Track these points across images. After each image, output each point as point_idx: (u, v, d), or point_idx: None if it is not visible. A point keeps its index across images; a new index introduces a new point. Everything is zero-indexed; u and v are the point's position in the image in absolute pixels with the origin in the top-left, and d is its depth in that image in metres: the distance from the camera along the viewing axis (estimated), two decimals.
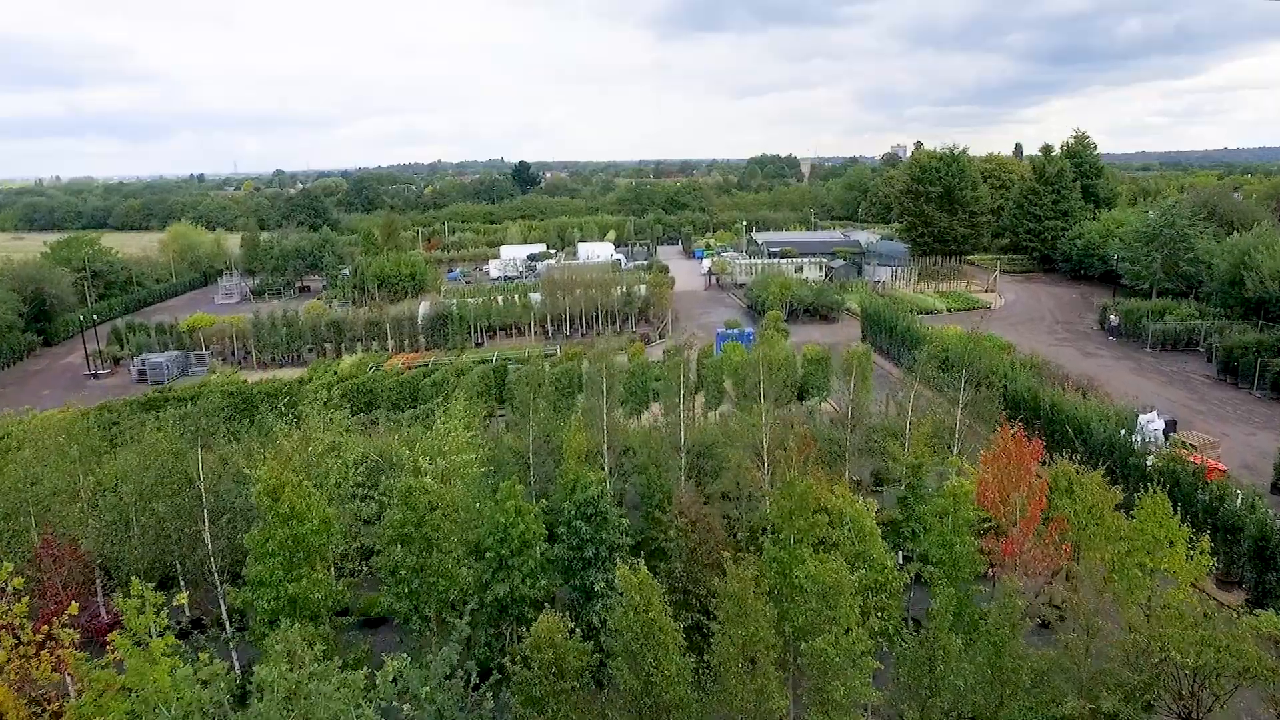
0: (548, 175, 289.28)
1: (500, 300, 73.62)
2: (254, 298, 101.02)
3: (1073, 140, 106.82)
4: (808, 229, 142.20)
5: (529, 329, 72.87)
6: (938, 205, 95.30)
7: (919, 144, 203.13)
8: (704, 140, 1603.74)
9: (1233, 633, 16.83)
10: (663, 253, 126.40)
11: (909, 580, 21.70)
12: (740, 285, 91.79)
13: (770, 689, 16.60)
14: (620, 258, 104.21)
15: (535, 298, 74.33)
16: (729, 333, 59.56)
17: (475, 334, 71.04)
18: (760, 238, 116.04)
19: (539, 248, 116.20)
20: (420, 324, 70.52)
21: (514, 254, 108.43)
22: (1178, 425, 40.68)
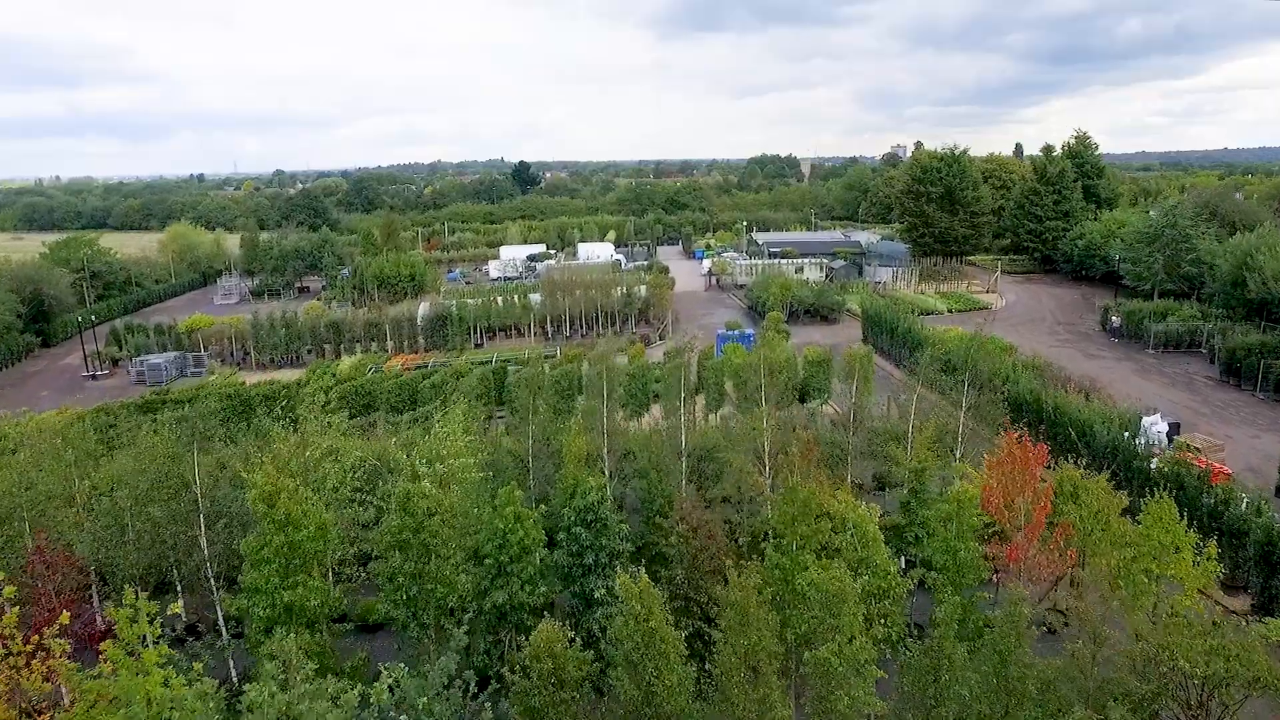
0: (548, 175, 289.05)
1: (500, 301, 73.38)
2: (253, 298, 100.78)
3: (1074, 140, 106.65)
4: (808, 229, 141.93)
5: (529, 330, 72.65)
6: (939, 206, 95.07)
7: (919, 144, 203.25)
8: (704, 140, 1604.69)
9: (1242, 641, 16.59)
10: (663, 253, 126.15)
11: (912, 586, 21.45)
12: (740, 286, 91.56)
13: (773, 699, 16.35)
14: (620, 258, 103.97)
15: (535, 298, 74.09)
16: (729, 334, 59.30)
17: (475, 335, 70.81)
18: (760, 238, 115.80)
19: (539, 248, 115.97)
20: (419, 325, 70.29)
21: (514, 254, 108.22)
22: (1181, 428, 40.46)
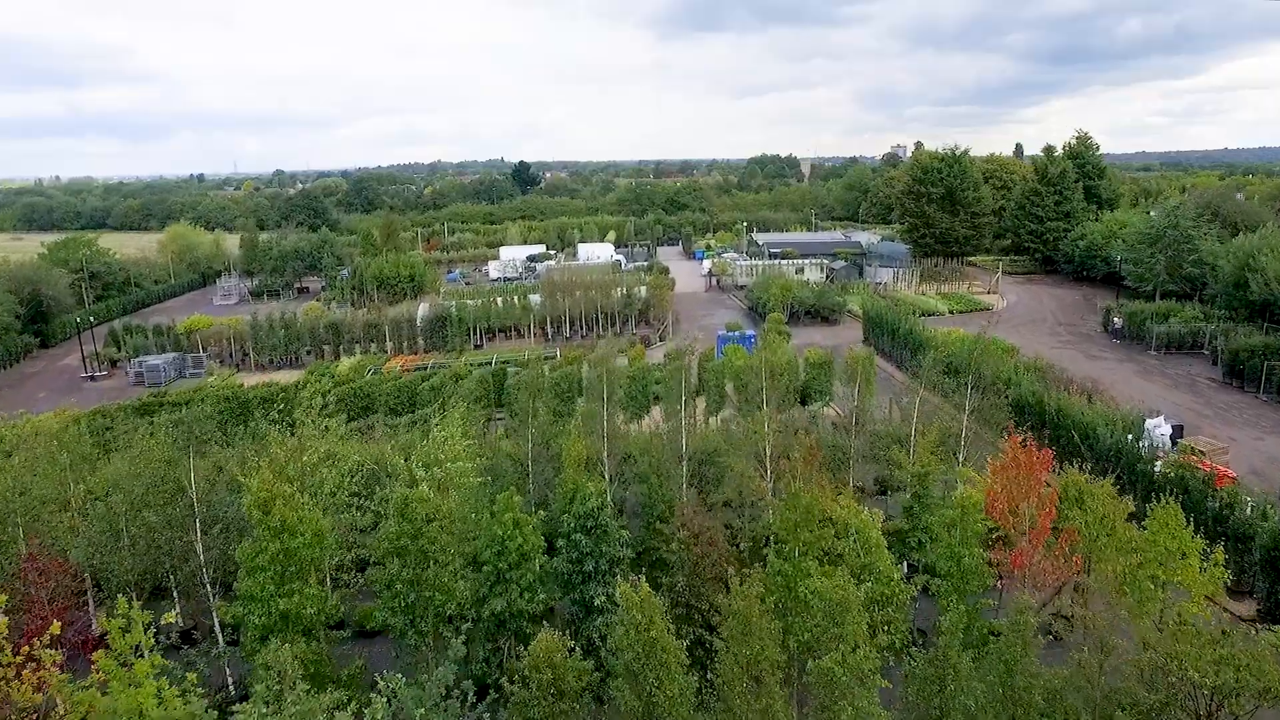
0: (548, 175, 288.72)
1: (500, 302, 73.12)
2: (252, 299, 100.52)
3: (1075, 141, 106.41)
4: (808, 230, 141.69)
5: (529, 331, 72.41)
6: (939, 206, 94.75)
7: (919, 144, 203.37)
8: (704, 140, 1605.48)
9: (1252, 650, 16.35)
10: (663, 253, 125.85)
11: (915, 593, 21.21)
12: (741, 287, 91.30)
13: (775, 709, 16.11)
14: (620, 259, 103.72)
15: (535, 299, 73.84)
16: (730, 335, 59.01)
17: (474, 336, 70.56)
18: (761, 238, 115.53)
19: (539, 248, 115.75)
20: (419, 326, 70.03)
21: (513, 255, 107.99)
22: (1184, 430, 40.21)
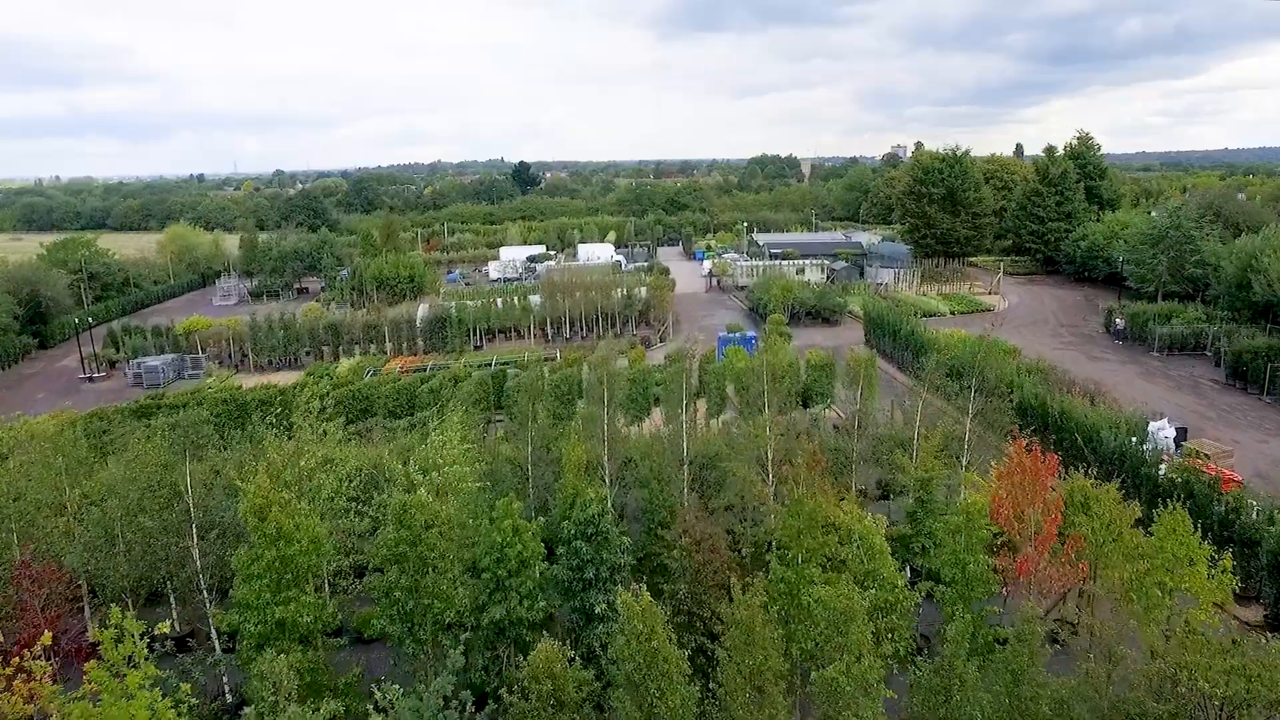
0: (548, 175, 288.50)
1: (499, 303, 72.88)
2: (252, 299, 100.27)
3: (1076, 141, 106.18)
4: (809, 230, 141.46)
5: (528, 332, 72.17)
6: (940, 207, 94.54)
7: (919, 144, 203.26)
8: (704, 140, 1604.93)
9: (1263, 660, 16.08)
10: (663, 254, 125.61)
11: (919, 600, 20.95)
12: (741, 287, 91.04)
13: (778, 719, 15.88)
14: (620, 259, 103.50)
15: (535, 300, 73.59)
16: (731, 337, 58.75)
17: (474, 337, 70.33)
18: (761, 239, 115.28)
19: (539, 249, 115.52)
20: (419, 327, 69.79)
21: (513, 255, 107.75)
22: (1188, 433, 39.92)
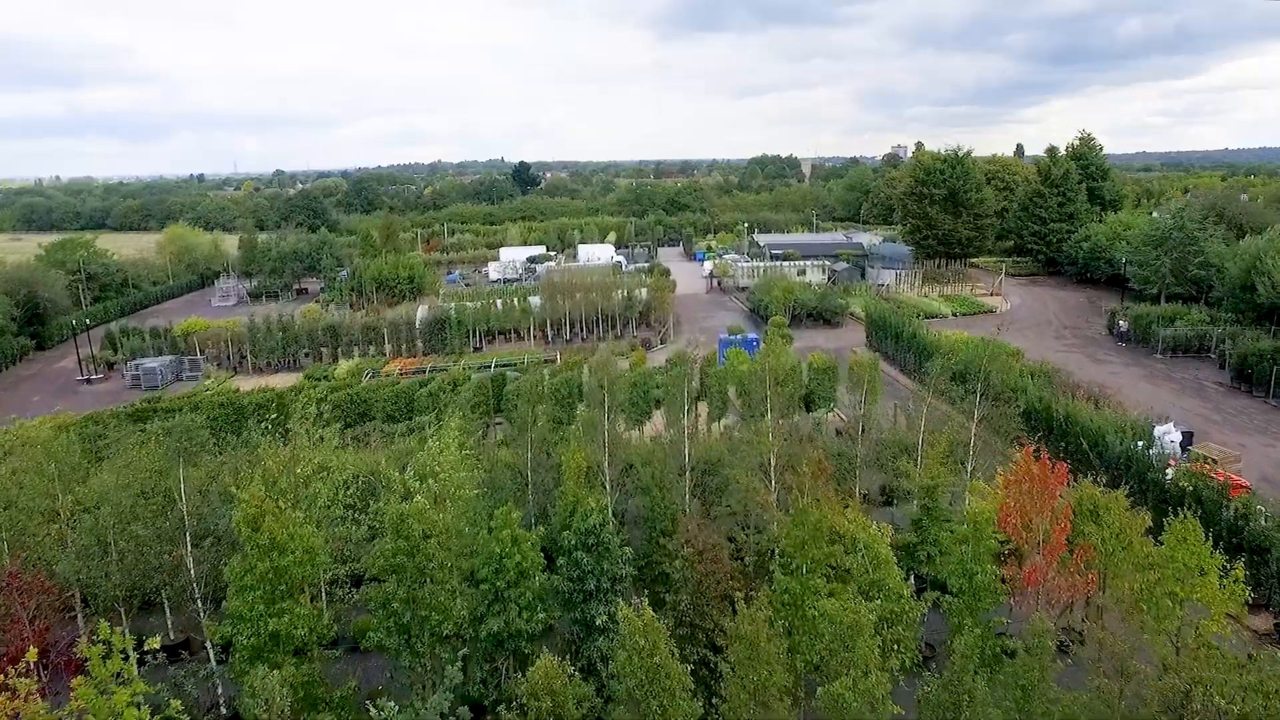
0: (548, 175, 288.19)
1: (499, 304, 72.49)
2: (251, 300, 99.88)
3: (1078, 142, 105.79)
4: (809, 231, 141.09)
5: (528, 333, 71.80)
6: (942, 208, 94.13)
7: (920, 144, 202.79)
8: (704, 140, 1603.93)
9: (1278, 674, 15.71)
10: (663, 254, 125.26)
11: (925, 611, 20.58)
12: (742, 288, 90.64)
13: None
14: (621, 260, 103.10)
15: (535, 301, 73.20)
16: (732, 339, 58.36)
17: (474, 338, 69.96)
18: (762, 240, 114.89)
19: (539, 249, 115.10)
20: (418, 328, 69.41)
21: (513, 256, 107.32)
22: (1194, 437, 39.56)
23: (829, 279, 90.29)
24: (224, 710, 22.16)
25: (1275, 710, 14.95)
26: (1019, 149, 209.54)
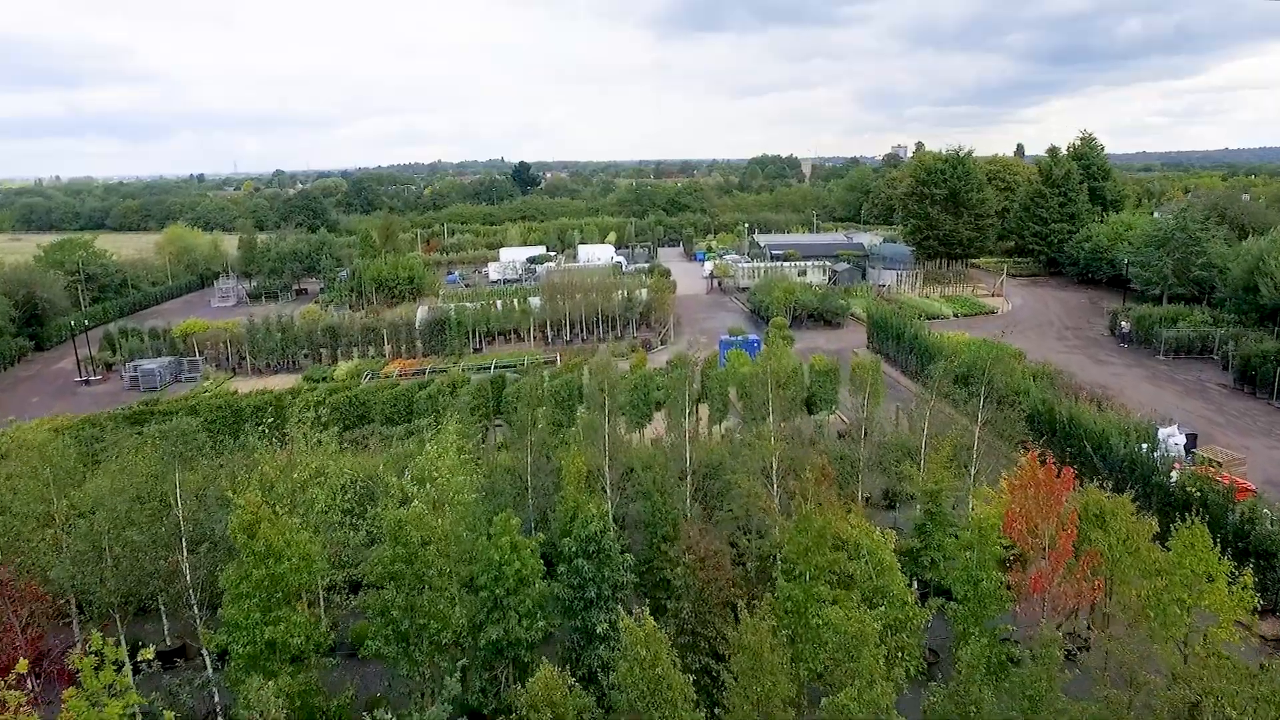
0: (548, 175, 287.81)
1: (499, 305, 72.23)
2: (250, 301, 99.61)
3: (1079, 142, 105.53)
4: (810, 231, 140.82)
5: (528, 334, 71.55)
6: (943, 208, 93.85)
7: (920, 144, 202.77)
8: (704, 140, 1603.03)
9: None
10: (663, 255, 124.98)
11: (930, 618, 20.34)
12: (743, 289, 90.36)
13: None
14: (621, 260, 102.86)
15: (535, 302, 72.94)
16: (733, 340, 58.12)
17: (474, 339, 69.70)
18: (762, 240, 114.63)
19: (539, 250, 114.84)
20: (418, 329, 69.16)
21: (513, 256, 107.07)
22: (1198, 439, 39.32)
23: (830, 280, 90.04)
24: (220, 718, 21.91)
25: None
26: (1019, 149, 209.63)
